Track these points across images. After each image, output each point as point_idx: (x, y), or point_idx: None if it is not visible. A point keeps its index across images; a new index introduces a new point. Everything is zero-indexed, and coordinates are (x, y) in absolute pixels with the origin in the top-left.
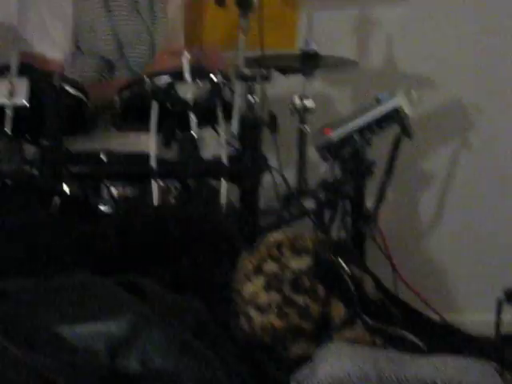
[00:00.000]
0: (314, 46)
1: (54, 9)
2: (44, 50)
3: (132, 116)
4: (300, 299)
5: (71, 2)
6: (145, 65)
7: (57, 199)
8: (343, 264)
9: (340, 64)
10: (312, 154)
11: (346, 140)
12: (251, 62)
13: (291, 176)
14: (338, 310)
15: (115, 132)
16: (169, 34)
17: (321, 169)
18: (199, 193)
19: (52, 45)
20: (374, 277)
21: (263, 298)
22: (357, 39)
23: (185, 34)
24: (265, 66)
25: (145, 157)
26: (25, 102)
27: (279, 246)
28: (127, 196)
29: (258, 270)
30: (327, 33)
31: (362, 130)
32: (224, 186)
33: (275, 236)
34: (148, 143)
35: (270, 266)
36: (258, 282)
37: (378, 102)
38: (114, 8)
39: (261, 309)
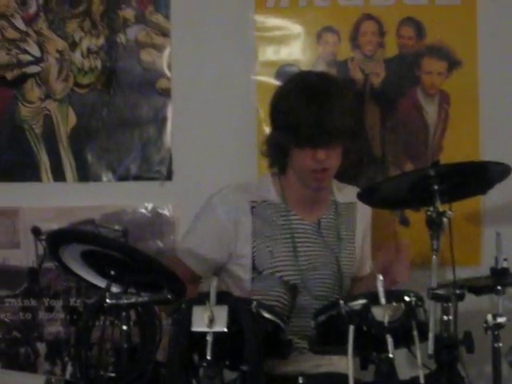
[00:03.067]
0: (504, 264)
1: (218, 234)
2: (184, 257)
3: (327, 339)
4: None
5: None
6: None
7: None
8: None
9: None
10: (506, 370)
11: None
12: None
13: None
14: None
15: (308, 354)
16: (355, 257)
17: None
18: None
19: (197, 258)
20: None
21: None
22: None
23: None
24: (458, 286)
25: (341, 378)
26: (225, 330)
27: None
28: None
29: None
30: None
31: None
32: None
33: None
34: (342, 365)
35: None
36: None
37: None
38: (297, 234)
39: None
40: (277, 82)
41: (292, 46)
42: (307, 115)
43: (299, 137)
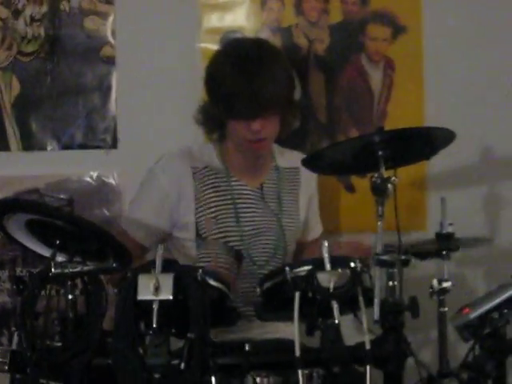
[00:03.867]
0: (449, 229)
1: (162, 200)
2: (129, 229)
3: (274, 306)
4: None
5: (193, 196)
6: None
7: None
8: None
9: (476, 243)
10: (451, 334)
11: (485, 319)
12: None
13: (432, 357)
14: None
15: (255, 322)
16: (299, 223)
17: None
18: (344, 379)
19: (141, 229)
20: None
21: None
22: (488, 216)
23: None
24: (403, 251)
25: (287, 345)
26: (170, 297)
27: None
28: None
29: None
30: (458, 212)
31: (500, 309)
32: (368, 371)
33: None
34: (288, 331)
35: None
36: None
37: None
38: (239, 200)
39: None
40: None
41: (236, 13)
42: (239, 85)
43: (232, 109)
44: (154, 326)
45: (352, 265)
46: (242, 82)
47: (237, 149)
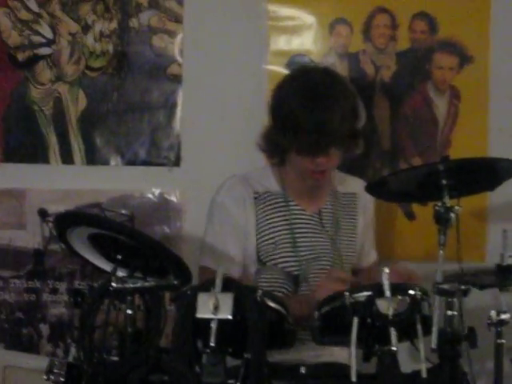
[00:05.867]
0: (509, 261)
1: (235, 228)
2: (213, 265)
3: (331, 330)
4: None
5: (254, 221)
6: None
7: None
8: None
9: None
10: (507, 367)
11: None
12: (448, 277)
13: None
14: None
15: (309, 344)
16: (355, 248)
17: None
18: None
19: (226, 261)
20: None
21: None
22: None
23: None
24: (464, 281)
25: (343, 369)
26: (229, 317)
27: None
28: None
29: None
30: None
31: None
32: None
33: None
34: (342, 355)
35: None
36: None
37: None
38: (297, 225)
39: None
40: (287, 72)
41: (304, 37)
42: (308, 120)
43: (299, 144)
44: (212, 344)
45: (411, 292)
46: (310, 117)
47: (296, 175)
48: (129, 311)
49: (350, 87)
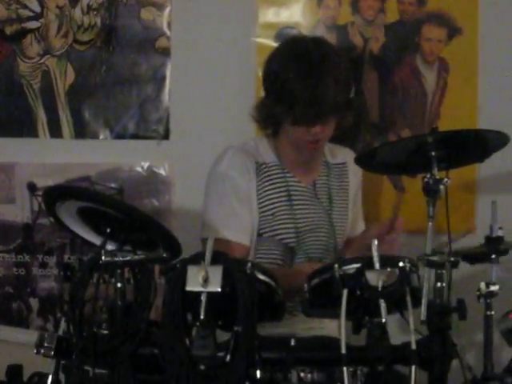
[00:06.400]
0: (499, 233)
1: (242, 197)
2: (230, 235)
3: (320, 302)
4: None
5: (255, 192)
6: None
7: None
8: None
9: None
10: (497, 338)
11: None
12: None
13: (477, 361)
14: None
15: (299, 316)
16: (347, 219)
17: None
18: (388, 379)
19: (240, 231)
20: None
21: None
22: None
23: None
24: (452, 253)
25: (333, 342)
26: (219, 290)
27: None
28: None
29: None
30: (508, 216)
31: None
32: (413, 372)
33: None
34: (333, 328)
35: None
36: None
37: None
38: (295, 197)
39: None
40: (276, 44)
41: (293, 9)
42: (302, 90)
43: (294, 114)
44: (202, 317)
45: (401, 264)
46: (305, 87)
47: (291, 146)
48: (118, 285)
49: (343, 58)
